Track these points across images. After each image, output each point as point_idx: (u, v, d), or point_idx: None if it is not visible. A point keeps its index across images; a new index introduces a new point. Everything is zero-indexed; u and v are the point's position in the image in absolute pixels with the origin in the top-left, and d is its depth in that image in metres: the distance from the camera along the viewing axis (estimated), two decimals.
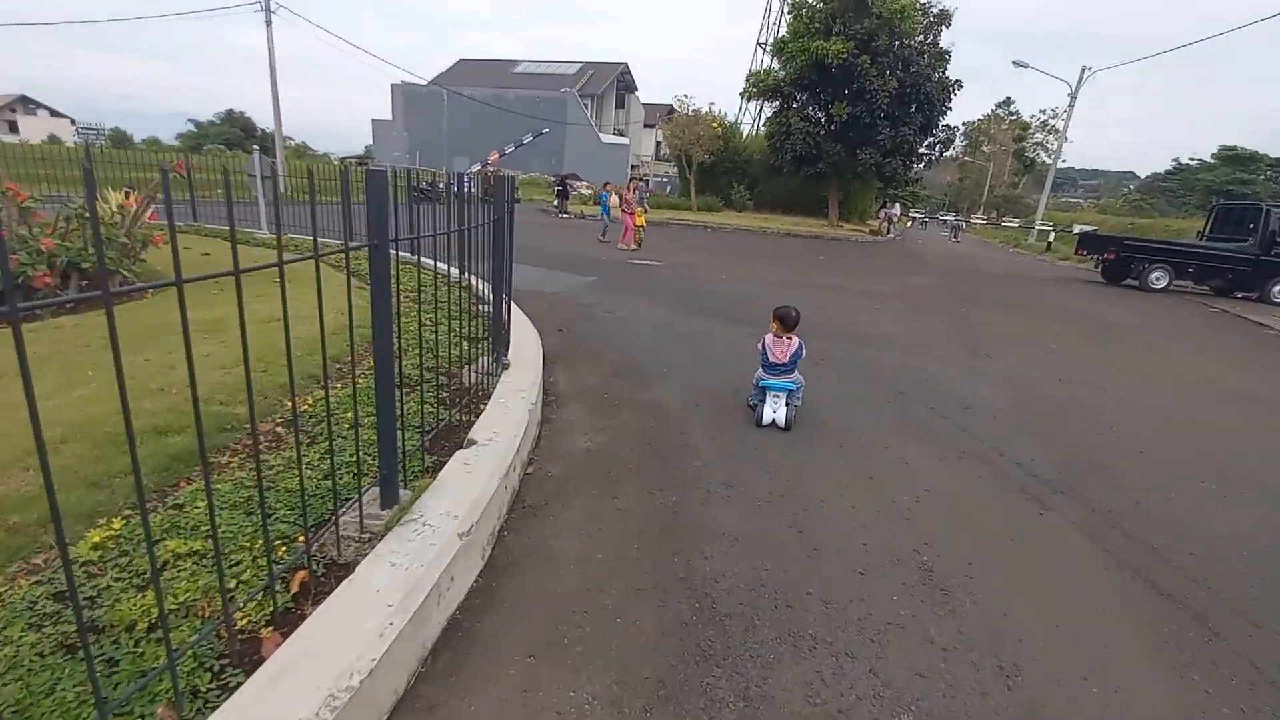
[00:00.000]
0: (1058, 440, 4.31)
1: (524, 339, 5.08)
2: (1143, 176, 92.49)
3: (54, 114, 64.64)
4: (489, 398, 3.62)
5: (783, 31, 27.27)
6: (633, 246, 13.98)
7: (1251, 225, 13.94)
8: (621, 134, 60.33)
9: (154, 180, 8.28)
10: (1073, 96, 28.80)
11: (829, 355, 6.08)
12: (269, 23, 24.81)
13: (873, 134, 24.81)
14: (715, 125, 28.84)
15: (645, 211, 14.53)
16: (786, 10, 27.15)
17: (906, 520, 3.06)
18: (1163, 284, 14.51)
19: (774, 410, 4.03)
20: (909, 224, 46.16)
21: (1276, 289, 13.72)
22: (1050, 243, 27.76)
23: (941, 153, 27.44)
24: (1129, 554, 2.90)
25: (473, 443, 2.97)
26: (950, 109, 25.25)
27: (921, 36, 25.20)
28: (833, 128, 26.26)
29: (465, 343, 4.04)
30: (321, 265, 1.75)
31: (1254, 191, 54.87)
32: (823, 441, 3.97)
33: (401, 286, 2.88)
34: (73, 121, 66.61)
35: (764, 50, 52.40)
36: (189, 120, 70.00)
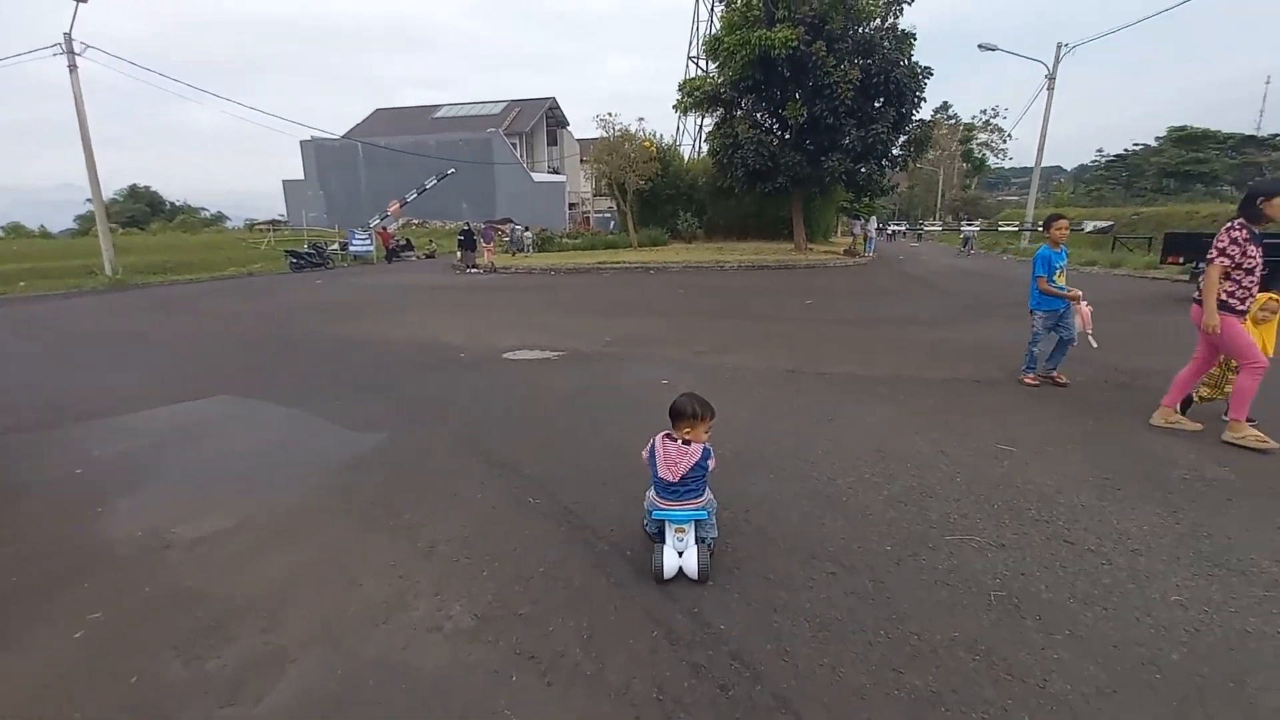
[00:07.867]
0: None
1: None
2: (1069, 169, 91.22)
3: None
4: None
5: (715, 30, 23.08)
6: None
7: None
8: (557, 171, 56.09)
9: None
10: (1051, 76, 25.22)
11: None
12: (73, 66, 19.61)
13: (838, 137, 20.51)
14: (647, 145, 24.26)
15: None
16: (718, 3, 23.08)
17: None
18: None
19: (678, 550, 2.47)
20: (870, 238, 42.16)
21: None
22: None
23: (918, 152, 23.25)
24: None
25: None
26: (924, 99, 21.18)
27: (879, 20, 21.29)
28: (788, 134, 21.93)
29: None
30: None
31: (1211, 170, 53.12)
32: None
33: None
34: None
35: (696, 65, 49.00)
36: (87, 200, 63.51)
